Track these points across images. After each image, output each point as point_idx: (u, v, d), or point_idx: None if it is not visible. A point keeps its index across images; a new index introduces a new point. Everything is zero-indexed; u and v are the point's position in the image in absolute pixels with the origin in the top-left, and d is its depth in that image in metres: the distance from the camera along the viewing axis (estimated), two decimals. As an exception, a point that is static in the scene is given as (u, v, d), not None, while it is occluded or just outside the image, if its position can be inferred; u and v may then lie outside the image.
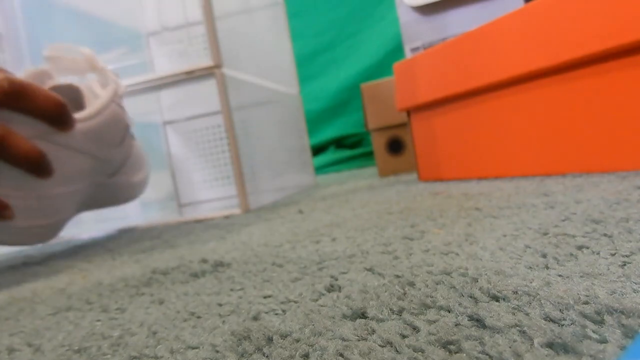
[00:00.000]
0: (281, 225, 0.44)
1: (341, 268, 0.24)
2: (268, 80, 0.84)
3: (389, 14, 1.66)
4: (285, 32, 1.01)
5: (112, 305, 0.25)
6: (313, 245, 0.32)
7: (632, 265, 0.17)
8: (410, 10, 0.81)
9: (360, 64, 1.78)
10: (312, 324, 0.17)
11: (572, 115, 0.43)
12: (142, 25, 0.90)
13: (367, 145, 1.70)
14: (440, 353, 0.13)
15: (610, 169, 0.41)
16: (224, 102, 0.63)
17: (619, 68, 0.39)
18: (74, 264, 0.43)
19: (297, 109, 1.01)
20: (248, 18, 0.85)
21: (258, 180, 0.71)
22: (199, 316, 0.20)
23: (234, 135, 0.64)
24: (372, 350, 0.14)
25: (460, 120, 0.56)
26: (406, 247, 0.26)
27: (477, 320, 0.15)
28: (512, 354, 0.12)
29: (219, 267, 0.30)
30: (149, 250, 0.43)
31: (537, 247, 0.22)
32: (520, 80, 0.48)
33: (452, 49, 0.55)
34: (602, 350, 0.12)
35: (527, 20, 0.45)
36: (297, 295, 0.21)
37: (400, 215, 0.38)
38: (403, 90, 0.65)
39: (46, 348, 0.20)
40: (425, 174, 0.65)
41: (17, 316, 0.26)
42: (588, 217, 0.25)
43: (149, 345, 0.18)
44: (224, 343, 0.17)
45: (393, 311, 0.17)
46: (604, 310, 0.14)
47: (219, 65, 0.63)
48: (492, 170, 0.53)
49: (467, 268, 0.20)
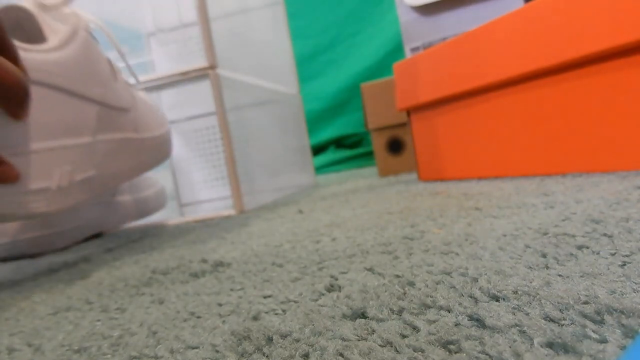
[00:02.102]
0: (281, 225, 0.44)
1: (341, 268, 0.24)
2: (267, 81, 0.84)
3: (389, 14, 1.65)
4: (285, 32, 1.01)
5: (112, 305, 0.25)
6: (313, 245, 0.32)
7: (632, 265, 0.17)
8: (410, 10, 0.81)
9: (360, 64, 1.77)
10: (312, 323, 0.17)
11: (572, 115, 0.43)
12: (142, 26, 0.90)
13: (367, 145, 1.70)
14: (440, 353, 0.13)
15: (610, 169, 0.41)
16: (219, 102, 0.63)
17: (619, 68, 0.39)
18: (74, 263, 0.43)
19: (297, 109, 1.01)
20: (246, 18, 0.85)
21: (255, 180, 0.71)
22: (199, 316, 0.20)
23: (228, 135, 0.64)
24: (372, 350, 0.14)
25: (461, 120, 0.56)
26: (406, 247, 0.26)
27: (477, 320, 0.15)
28: (512, 353, 0.12)
29: (219, 267, 0.30)
30: (149, 250, 0.43)
31: (537, 247, 0.22)
32: (520, 80, 0.48)
33: (452, 49, 0.55)
34: (602, 350, 0.12)
35: (527, 20, 0.45)
36: (297, 295, 0.21)
37: (400, 215, 0.38)
38: (403, 90, 0.65)
39: (46, 348, 0.20)
40: (425, 174, 0.65)
41: (17, 316, 0.26)
42: (588, 217, 0.25)
43: (149, 345, 0.18)
44: (224, 343, 0.17)
45: (393, 311, 0.17)
46: (604, 310, 0.14)
47: (214, 66, 0.63)
48: (492, 170, 0.53)
49: (467, 268, 0.20)
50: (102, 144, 0.42)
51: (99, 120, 0.41)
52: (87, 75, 0.40)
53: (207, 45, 0.63)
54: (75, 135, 0.39)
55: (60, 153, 0.37)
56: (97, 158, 0.41)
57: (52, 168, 0.36)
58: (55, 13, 0.41)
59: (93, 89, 0.40)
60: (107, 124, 0.42)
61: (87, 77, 0.40)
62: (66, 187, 0.38)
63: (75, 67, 0.39)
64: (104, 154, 0.42)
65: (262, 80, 0.82)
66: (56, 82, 0.37)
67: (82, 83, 0.39)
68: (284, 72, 0.98)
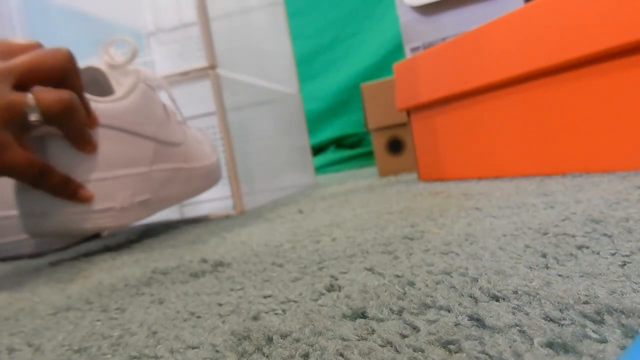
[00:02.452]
0: (281, 225, 0.44)
1: (341, 268, 0.24)
2: (267, 81, 0.84)
3: (389, 14, 1.66)
4: (285, 32, 1.01)
5: (112, 305, 0.25)
6: (313, 245, 0.32)
7: (632, 265, 0.17)
8: (410, 10, 0.81)
9: (360, 64, 1.77)
10: (312, 323, 0.17)
11: (572, 115, 0.43)
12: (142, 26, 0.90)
13: (367, 145, 1.70)
14: (440, 353, 0.13)
15: (610, 169, 0.41)
16: (219, 102, 0.63)
17: (619, 68, 0.39)
18: (74, 263, 0.43)
19: (297, 109, 1.01)
20: (246, 18, 0.85)
21: (255, 180, 0.71)
22: (199, 316, 0.20)
23: (228, 135, 0.64)
24: (372, 350, 0.14)
25: (461, 120, 0.56)
26: (406, 247, 0.26)
27: (477, 320, 0.15)
28: (512, 353, 0.12)
29: (219, 267, 0.30)
30: (149, 250, 0.43)
31: (537, 247, 0.22)
32: (520, 80, 0.48)
33: (452, 49, 0.55)
34: (602, 350, 0.12)
35: (527, 20, 0.45)
36: (297, 295, 0.21)
37: (400, 215, 0.38)
38: (403, 90, 0.65)
39: (46, 348, 0.20)
40: (425, 173, 0.65)
41: (17, 316, 0.26)
42: (588, 217, 0.25)
43: (149, 345, 0.18)
44: (224, 343, 0.17)
45: (393, 311, 0.17)
46: (604, 310, 0.14)
47: (214, 66, 0.64)
48: (492, 170, 0.53)
49: (467, 268, 0.20)
50: (157, 172, 0.51)
51: (154, 153, 0.50)
52: (145, 118, 0.49)
53: (207, 45, 0.63)
54: (135, 165, 0.48)
55: (122, 180, 0.46)
56: (153, 184, 0.50)
57: (116, 192, 0.46)
58: (121, 70, 0.50)
59: (149, 129, 0.50)
60: (161, 156, 0.51)
61: (145, 119, 0.49)
62: (127, 207, 0.46)
63: (135, 113, 0.48)
64: (159, 180, 0.51)
65: (262, 80, 0.82)
66: (120, 125, 0.46)
67: (140, 125, 0.48)
68: (284, 72, 0.98)
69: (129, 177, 0.47)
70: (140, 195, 0.48)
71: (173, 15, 0.87)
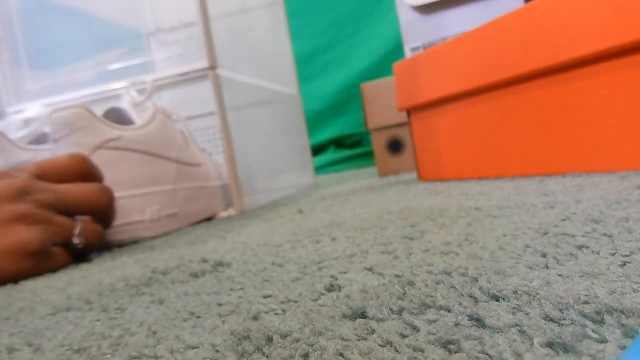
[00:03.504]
0: (281, 225, 0.44)
1: (341, 268, 0.24)
2: (267, 81, 0.84)
3: (389, 14, 1.65)
4: (285, 32, 1.00)
5: (112, 305, 0.25)
6: (313, 245, 0.32)
7: (632, 265, 0.17)
8: (410, 10, 0.81)
9: (360, 64, 1.77)
10: (312, 323, 0.17)
11: (572, 115, 0.43)
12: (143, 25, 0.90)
13: (367, 145, 1.70)
14: (440, 353, 0.13)
15: (610, 169, 0.41)
16: (219, 103, 0.63)
17: (619, 68, 0.39)
18: (75, 263, 0.43)
19: (297, 109, 1.01)
20: (246, 18, 0.85)
21: (255, 180, 0.71)
22: (199, 316, 0.20)
23: (228, 135, 0.64)
24: (372, 350, 0.14)
25: (460, 120, 0.56)
26: (406, 247, 0.26)
27: (477, 319, 0.15)
28: (511, 353, 0.12)
29: (219, 266, 0.30)
30: (149, 250, 0.43)
31: (537, 246, 0.22)
32: (520, 80, 0.48)
33: (452, 49, 0.55)
34: (602, 350, 0.12)
35: (527, 20, 0.45)
36: (297, 295, 0.21)
37: (400, 215, 0.38)
38: (403, 90, 0.65)
39: (46, 348, 0.20)
40: (425, 173, 0.65)
41: (17, 316, 0.26)
42: (588, 216, 0.25)
43: (149, 345, 0.18)
44: (224, 343, 0.17)
45: (393, 311, 0.17)
46: (603, 310, 0.14)
47: (214, 67, 0.64)
48: (492, 170, 0.53)
49: (467, 268, 0.20)
50: (181, 190, 0.59)
51: (177, 173, 0.59)
52: (165, 142, 0.58)
53: (207, 45, 0.63)
54: (160, 184, 0.56)
55: (150, 196, 0.54)
56: (178, 200, 0.58)
57: (145, 206, 0.53)
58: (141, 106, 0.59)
59: (170, 151, 0.58)
60: (183, 176, 0.60)
61: (165, 143, 0.58)
62: (156, 219, 0.54)
63: (155, 138, 0.57)
64: (183, 197, 0.59)
65: (262, 80, 0.82)
66: (143, 148, 0.55)
67: (160, 148, 0.57)
68: (284, 72, 0.98)
69: (155, 194, 0.55)
70: (167, 209, 0.56)
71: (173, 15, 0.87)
